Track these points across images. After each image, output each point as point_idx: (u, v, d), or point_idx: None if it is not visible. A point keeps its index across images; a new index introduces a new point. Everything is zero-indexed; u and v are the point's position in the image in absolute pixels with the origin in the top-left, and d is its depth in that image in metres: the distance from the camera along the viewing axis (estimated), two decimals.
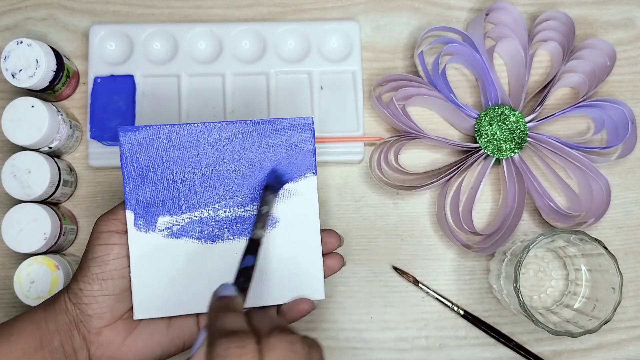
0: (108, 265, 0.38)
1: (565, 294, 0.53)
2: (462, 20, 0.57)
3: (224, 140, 0.40)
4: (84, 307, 0.38)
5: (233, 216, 0.40)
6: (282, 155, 0.40)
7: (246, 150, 0.40)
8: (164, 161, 0.39)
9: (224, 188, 0.40)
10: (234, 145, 0.40)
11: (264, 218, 0.38)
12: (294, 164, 0.41)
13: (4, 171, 0.49)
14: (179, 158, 0.39)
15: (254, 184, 0.40)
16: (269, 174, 0.40)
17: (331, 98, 0.55)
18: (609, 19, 0.58)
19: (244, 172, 0.40)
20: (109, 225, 0.39)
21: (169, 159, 0.39)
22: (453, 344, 0.53)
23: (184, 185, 0.39)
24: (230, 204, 0.40)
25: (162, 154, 0.39)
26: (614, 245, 0.54)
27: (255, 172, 0.40)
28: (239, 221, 0.40)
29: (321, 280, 0.41)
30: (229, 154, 0.40)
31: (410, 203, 0.55)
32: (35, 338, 0.38)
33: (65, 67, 0.52)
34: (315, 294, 0.41)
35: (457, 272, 0.54)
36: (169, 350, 0.40)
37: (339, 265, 0.42)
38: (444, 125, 0.56)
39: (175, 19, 0.57)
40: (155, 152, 0.39)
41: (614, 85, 0.57)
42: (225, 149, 0.40)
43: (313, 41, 0.55)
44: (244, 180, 0.40)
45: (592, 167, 0.52)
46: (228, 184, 0.40)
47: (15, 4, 0.57)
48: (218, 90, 0.54)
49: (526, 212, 0.55)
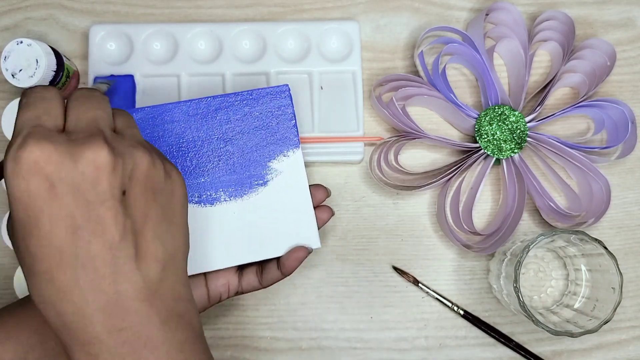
0: None
1: (565, 294, 0.53)
2: (462, 20, 0.57)
3: (211, 113, 0.44)
4: None
5: (227, 180, 0.44)
6: (265, 121, 0.45)
7: (231, 120, 0.44)
8: (160, 137, 0.44)
9: (216, 155, 0.44)
10: (220, 116, 0.44)
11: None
12: (276, 129, 0.45)
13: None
14: (173, 133, 0.44)
15: (242, 149, 0.44)
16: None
17: (331, 98, 0.55)
18: (609, 19, 0.58)
19: (232, 140, 0.44)
20: None
21: (164, 134, 0.44)
22: (453, 344, 0.53)
23: (181, 157, 0.44)
24: (223, 169, 0.44)
25: (159, 131, 0.44)
26: (614, 245, 0.54)
27: (242, 138, 0.44)
28: (232, 183, 0.44)
29: (315, 230, 0.44)
30: (217, 125, 0.44)
31: (410, 203, 0.55)
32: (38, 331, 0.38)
33: (65, 67, 0.52)
34: (311, 243, 0.44)
35: (457, 272, 0.54)
36: None
37: (328, 215, 0.45)
38: (444, 125, 0.56)
39: (175, 19, 0.57)
40: (151, 130, 0.44)
41: (614, 85, 0.57)
42: (213, 121, 0.44)
43: (313, 41, 0.55)
44: (233, 147, 0.44)
45: (592, 167, 0.52)
46: (219, 152, 0.44)
47: (15, 4, 0.57)
48: (218, 90, 0.54)
49: (526, 212, 0.55)
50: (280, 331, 0.53)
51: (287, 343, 0.53)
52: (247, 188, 0.44)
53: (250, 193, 0.44)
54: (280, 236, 0.44)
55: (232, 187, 0.44)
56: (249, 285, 0.44)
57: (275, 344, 0.53)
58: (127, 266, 0.29)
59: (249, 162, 0.44)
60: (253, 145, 0.44)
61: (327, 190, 0.46)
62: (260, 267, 0.45)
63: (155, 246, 0.30)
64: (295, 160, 0.44)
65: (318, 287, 0.54)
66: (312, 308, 0.53)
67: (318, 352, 0.53)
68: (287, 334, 0.53)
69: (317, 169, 0.55)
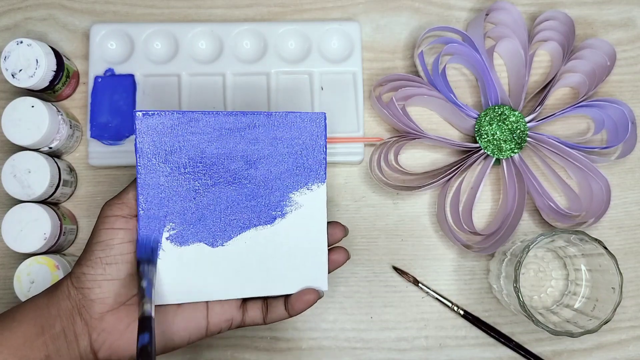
0: (112, 249, 0.38)
1: (565, 294, 0.53)
2: (462, 20, 0.57)
3: (238, 130, 0.40)
4: (87, 291, 0.38)
5: (243, 206, 0.41)
6: (294, 148, 0.41)
7: (259, 141, 0.40)
8: (178, 148, 0.39)
9: (236, 177, 0.40)
10: (247, 135, 0.40)
11: (145, 291, 0.38)
12: (304, 159, 0.41)
13: (4, 171, 0.49)
14: (193, 145, 0.39)
15: (265, 174, 0.41)
16: (138, 248, 0.39)
17: (331, 98, 0.55)
18: (609, 19, 0.58)
19: (256, 163, 0.41)
20: (114, 210, 0.39)
21: (183, 145, 0.39)
22: (453, 344, 0.53)
23: (195, 173, 0.40)
24: (241, 193, 0.41)
25: (177, 141, 0.39)
26: (614, 245, 0.54)
27: (267, 163, 0.41)
28: (247, 210, 0.41)
29: (325, 272, 0.42)
30: (242, 144, 0.40)
31: (410, 203, 0.55)
32: (36, 324, 0.37)
33: (65, 67, 0.52)
34: (319, 285, 0.42)
35: (457, 272, 0.54)
36: (173, 342, 0.40)
37: (344, 258, 0.43)
38: (444, 125, 0.56)
39: (175, 19, 0.57)
40: (170, 138, 0.39)
41: (614, 85, 0.57)
42: (239, 139, 0.40)
43: (314, 41, 0.55)
44: (256, 171, 0.41)
45: (592, 167, 0.52)
46: (240, 174, 0.40)
47: (15, 4, 0.57)
48: (218, 90, 0.54)
49: (526, 212, 0.55)
50: (280, 331, 0.53)
51: (287, 343, 0.53)
52: (262, 218, 0.41)
53: (265, 224, 0.41)
54: (290, 273, 0.41)
55: (246, 215, 0.41)
56: (252, 320, 0.42)
57: (275, 344, 0.53)
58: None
59: (269, 190, 0.41)
60: (277, 172, 0.41)
61: (345, 229, 0.44)
62: (265, 303, 0.42)
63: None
64: (318, 195, 0.42)
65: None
66: (312, 308, 0.53)
67: (318, 352, 0.53)
68: (287, 334, 0.53)
69: None
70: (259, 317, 0.42)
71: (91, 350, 0.38)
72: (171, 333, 0.40)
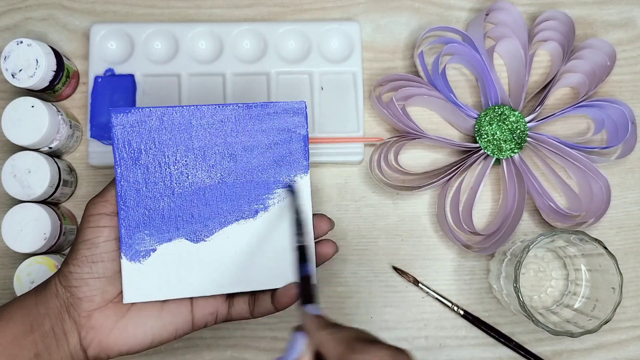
0: (98, 247, 0.38)
1: (565, 294, 0.53)
2: (462, 20, 0.57)
3: (216, 123, 0.40)
4: (74, 290, 0.38)
5: (224, 200, 0.40)
6: (275, 140, 0.41)
7: (239, 133, 0.40)
8: (156, 143, 0.39)
9: (216, 170, 0.40)
10: (226, 128, 0.40)
11: (299, 223, 0.38)
12: (286, 150, 0.41)
13: (4, 171, 0.49)
14: (171, 140, 0.39)
15: (245, 167, 0.40)
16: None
17: (331, 99, 0.55)
18: (609, 19, 0.58)
19: (236, 155, 0.40)
20: (98, 208, 0.39)
21: (161, 141, 0.39)
22: (453, 344, 0.53)
23: (176, 168, 0.39)
24: (223, 186, 0.40)
25: (155, 136, 0.39)
26: (614, 245, 0.54)
27: (247, 155, 0.40)
28: (229, 205, 0.40)
29: (313, 266, 0.41)
30: (221, 137, 0.40)
31: (410, 203, 0.55)
32: (25, 322, 0.38)
33: (65, 67, 0.52)
34: None
35: (457, 272, 0.54)
36: (161, 337, 0.40)
37: (332, 251, 0.42)
38: (444, 125, 0.56)
39: (175, 19, 0.57)
40: (147, 134, 0.39)
41: (614, 85, 0.57)
42: (217, 132, 0.40)
43: (314, 42, 0.55)
44: (236, 164, 0.40)
45: (592, 167, 0.52)
46: (220, 167, 0.40)
47: (15, 4, 0.57)
48: (218, 90, 0.54)
49: (526, 212, 0.55)
50: (280, 331, 0.53)
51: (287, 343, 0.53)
52: (244, 211, 0.40)
53: (247, 217, 0.40)
54: (275, 267, 0.40)
55: (228, 209, 0.40)
56: (238, 314, 0.42)
57: (275, 344, 0.53)
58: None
59: (251, 183, 0.40)
60: (258, 164, 0.40)
61: (331, 222, 0.43)
62: (252, 297, 0.42)
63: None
64: (301, 187, 0.41)
65: (318, 287, 0.54)
66: None
67: None
68: (287, 334, 0.53)
69: (317, 170, 0.55)
70: (246, 311, 0.42)
71: (81, 347, 0.38)
72: (158, 328, 0.40)
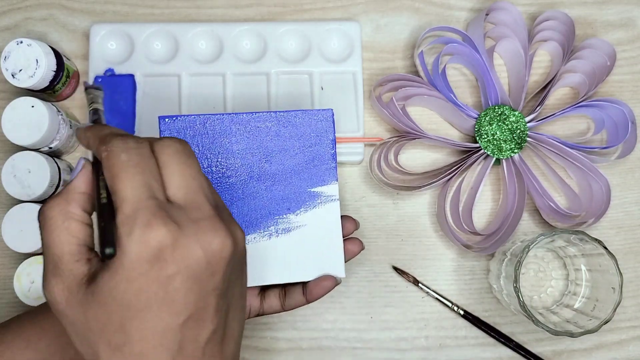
0: None
1: (565, 294, 0.53)
2: (462, 20, 0.57)
3: (253, 129, 0.44)
4: None
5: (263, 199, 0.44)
6: (305, 143, 0.44)
7: (273, 138, 0.44)
8: (199, 147, 0.43)
9: (253, 172, 0.44)
10: (262, 133, 0.44)
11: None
12: (315, 155, 0.44)
13: (4, 171, 0.49)
14: (213, 144, 0.43)
15: (279, 169, 0.44)
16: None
17: (331, 98, 0.55)
18: (609, 19, 0.58)
19: (272, 159, 0.44)
20: None
21: (204, 145, 0.43)
22: (453, 344, 0.53)
23: (217, 170, 0.43)
24: (262, 188, 0.44)
25: (198, 141, 0.43)
26: (614, 245, 0.54)
27: (281, 158, 0.44)
28: (267, 204, 0.44)
29: (342, 260, 0.44)
30: (257, 142, 0.44)
31: (410, 203, 0.55)
32: None
33: (65, 67, 0.52)
34: (336, 272, 0.44)
35: (457, 272, 0.54)
36: None
37: (359, 248, 0.45)
38: (444, 125, 0.56)
39: (175, 19, 0.57)
40: (191, 139, 0.43)
41: (614, 85, 0.57)
42: (254, 137, 0.44)
43: (314, 42, 0.55)
44: (271, 166, 0.44)
45: (592, 167, 0.52)
46: (257, 169, 0.44)
47: (15, 4, 0.57)
48: (218, 90, 0.54)
49: (526, 212, 0.55)
50: (280, 331, 0.53)
51: (287, 343, 0.53)
52: (279, 209, 0.44)
53: (282, 214, 0.44)
54: (308, 261, 0.44)
55: (264, 207, 0.44)
56: (270, 307, 0.44)
57: (275, 344, 0.53)
58: (215, 348, 0.28)
59: (285, 183, 0.44)
60: (291, 166, 0.44)
61: (356, 222, 0.46)
62: (283, 290, 0.44)
63: (234, 325, 0.30)
64: (332, 188, 0.44)
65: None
66: (312, 308, 0.53)
67: (318, 352, 0.53)
68: (287, 334, 0.53)
69: None
70: (277, 304, 0.43)
71: None
72: None
